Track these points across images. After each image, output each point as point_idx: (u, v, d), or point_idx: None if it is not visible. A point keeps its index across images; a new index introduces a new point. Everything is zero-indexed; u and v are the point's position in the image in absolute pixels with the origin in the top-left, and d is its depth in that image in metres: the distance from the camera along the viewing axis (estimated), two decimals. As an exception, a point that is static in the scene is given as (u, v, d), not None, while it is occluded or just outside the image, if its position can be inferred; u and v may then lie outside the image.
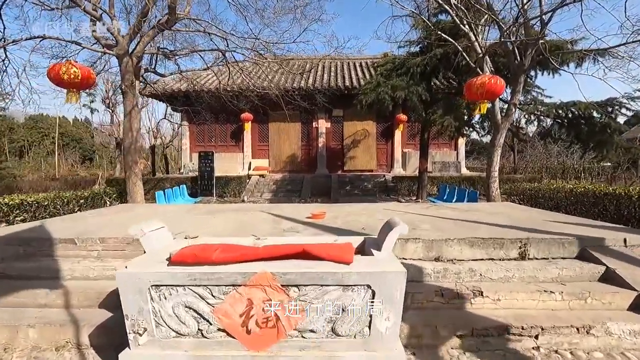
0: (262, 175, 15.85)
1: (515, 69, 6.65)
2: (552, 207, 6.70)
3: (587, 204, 6.15)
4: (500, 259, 3.44)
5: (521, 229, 3.90)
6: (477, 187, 13.64)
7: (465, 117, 9.55)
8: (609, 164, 21.19)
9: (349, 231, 3.88)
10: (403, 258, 3.45)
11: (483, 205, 6.08)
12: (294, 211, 5.54)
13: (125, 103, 7.00)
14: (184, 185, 9.69)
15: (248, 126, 16.41)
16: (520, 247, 3.45)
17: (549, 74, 8.04)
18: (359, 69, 17.69)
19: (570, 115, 7.83)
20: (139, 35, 7.05)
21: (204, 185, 13.64)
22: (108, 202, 7.70)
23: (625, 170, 16.83)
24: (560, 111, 7.89)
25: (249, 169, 16.57)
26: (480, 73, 6.55)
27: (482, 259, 3.44)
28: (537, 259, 3.44)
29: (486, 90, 5.47)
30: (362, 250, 2.72)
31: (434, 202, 8.93)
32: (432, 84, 10.39)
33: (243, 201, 12.60)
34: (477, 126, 10.34)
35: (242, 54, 9.14)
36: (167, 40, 9.52)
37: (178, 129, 18.24)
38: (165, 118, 15.04)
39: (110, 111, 16.50)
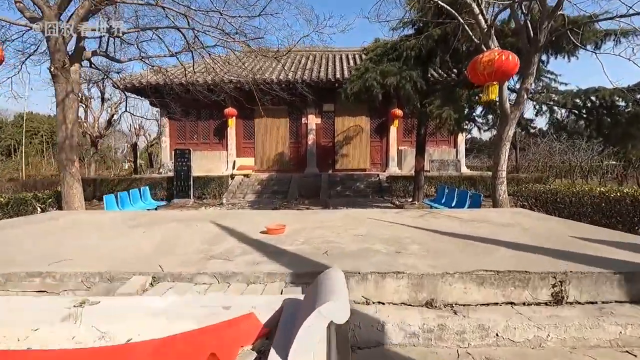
0: (246, 175, 14.70)
1: (528, 47, 5.50)
2: (572, 215, 5.57)
3: (625, 212, 4.99)
4: (524, 304, 2.29)
5: (550, 253, 2.76)
6: (479, 187, 12.52)
7: (466, 109, 8.40)
8: (613, 162, 20.11)
9: (303, 260, 2.73)
10: (379, 302, 2.31)
11: (489, 212, 4.94)
12: (254, 222, 4.38)
13: (57, 89, 5.85)
14: (146, 188, 8.54)
15: (232, 122, 15.24)
16: (554, 285, 2.30)
17: (563, 57, 6.91)
18: (351, 61, 16.53)
19: (589, 105, 6.68)
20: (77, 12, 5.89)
21: (180, 186, 12.48)
22: (39, 209, 6.55)
23: (638, 169, 15.69)
24: (577, 100, 6.75)
25: (234, 168, 15.41)
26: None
27: (497, 304, 2.29)
28: (579, 303, 2.30)
29: (495, 68, 4.33)
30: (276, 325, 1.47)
31: (431, 206, 7.79)
32: (430, 74, 9.24)
33: (222, 204, 11.46)
34: (480, 120, 9.19)
35: (207, 34, 7.97)
36: (130, 22, 8.34)
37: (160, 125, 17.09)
38: (126, 111, 13.81)
39: (84, 106, 15.32)
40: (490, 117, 8.43)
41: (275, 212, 6.49)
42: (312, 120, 15.56)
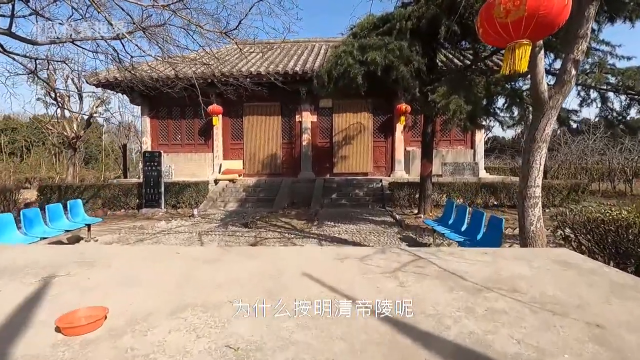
0: (232, 180, 13.03)
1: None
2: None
3: None
4: None
5: None
6: (501, 196, 10.40)
7: (484, 100, 6.40)
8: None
9: None
10: None
11: (518, 264, 2.98)
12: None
13: None
14: (78, 201, 6.89)
15: (217, 121, 13.61)
16: None
17: (624, 20, 4.81)
18: (353, 50, 14.58)
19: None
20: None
21: (150, 194, 10.92)
22: None
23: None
24: (645, 82, 4.68)
25: (220, 171, 13.79)
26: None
27: None
28: None
29: (528, 13, 2.42)
30: None
31: (434, 230, 5.84)
32: (439, 59, 7.22)
33: (192, 216, 9.80)
34: (502, 114, 7.14)
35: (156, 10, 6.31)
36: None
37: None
38: (107, 110, 12.34)
39: (60, 104, 14.07)
40: (515, 110, 6.41)
41: (194, 249, 4.70)
42: (307, 118, 13.73)
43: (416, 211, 9.81)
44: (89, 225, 6.67)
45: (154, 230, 7.88)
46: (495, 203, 10.62)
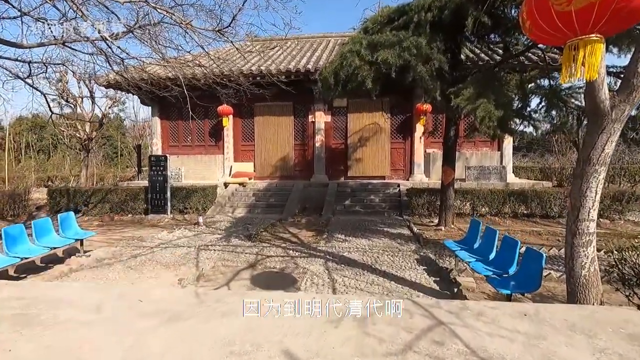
0: (242, 184, 12.54)
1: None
2: None
3: None
4: None
5: None
6: (532, 205, 9.40)
7: (518, 102, 5.51)
8: None
9: None
10: None
11: (578, 349, 2.20)
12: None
13: None
14: (70, 213, 6.45)
15: (227, 122, 13.15)
16: None
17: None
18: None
19: None
20: None
21: (156, 199, 10.56)
22: None
23: None
24: None
25: (230, 174, 13.34)
26: None
27: None
28: None
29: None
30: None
31: (455, 254, 5.05)
32: (457, 47, 6.29)
33: (197, 224, 9.34)
34: (537, 115, 6.20)
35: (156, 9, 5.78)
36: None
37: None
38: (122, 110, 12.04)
39: (73, 104, 13.97)
40: (555, 113, 5.49)
41: (164, 294, 4.14)
42: (321, 118, 13.03)
43: (436, 221, 8.97)
44: (81, 240, 6.27)
45: (152, 242, 7.44)
46: (526, 212, 9.61)
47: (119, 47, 5.13)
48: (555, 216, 9.44)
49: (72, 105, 14.18)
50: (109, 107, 15.57)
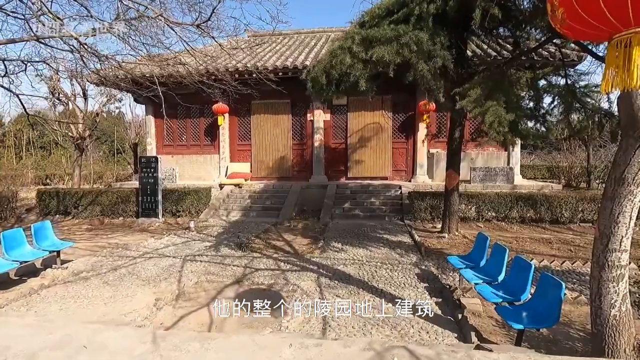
0: (238, 185, 12.09)
1: None
2: None
3: None
4: None
5: None
6: (541, 210, 8.88)
7: (529, 102, 4.98)
8: None
9: None
10: None
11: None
12: None
13: None
14: (46, 222, 6.01)
15: (222, 120, 12.69)
16: None
17: None
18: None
19: None
20: None
21: (146, 202, 10.15)
22: None
23: None
24: None
25: (226, 175, 12.90)
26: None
27: None
28: None
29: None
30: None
31: (460, 272, 4.57)
32: (463, 42, 5.72)
33: (188, 229, 8.92)
34: (550, 117, 5.67)
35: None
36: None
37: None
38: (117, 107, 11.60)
39: (65, 102, 13.58)
40: (574, 116, 4.95)
41: (115, 336, 3.68)
42: (320, 117, 12.52)
43: (439, 227, 8.49)
44: (57, 251, 5.85)
45: (137, 251, 7.02)
46: (534, 217, 9.08)
47: (85, 44, 4.65)
48: (566, 222, 8.91)
49: (65, 104, 13.78)
50: (103, 105, 15.16)
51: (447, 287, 4.95)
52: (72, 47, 5.33)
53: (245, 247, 7.06)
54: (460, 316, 3.97)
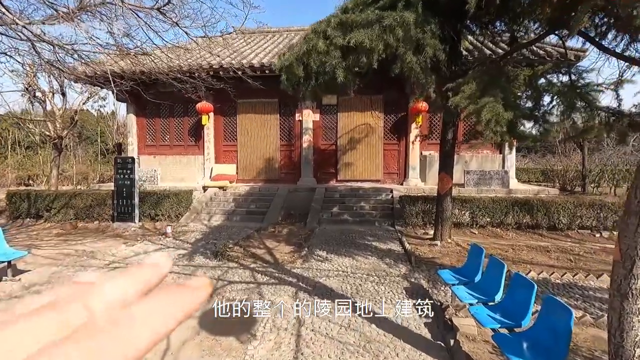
0: (222, 187, 11.54)
1: None
2: None
3: None
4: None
5: None
6: (537, 216, 8.47)
7: (529, 100, 4.53)
8: None
9: None
10: None
11: None
12: None
13: None
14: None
15: (207, 120, 12.13)
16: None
17: None
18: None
19: None
20: None
21: (122, 205, 9.55)
22: None
23: None
24: None
25: (210, 176, 12.33)
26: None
27: None
28: None
29: None
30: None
31: (451, 289, 4.09)
32: (456, 35, 5.24)
33: (165, 234, 8.35)
34: (550, 116, 5.23)
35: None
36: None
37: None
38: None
39: (40, 100, 12.93)
40: (577, 118, 4.52)
41: None
42: (309, 117, 12.02)
43: (431, 234, 8.02)
44: (9, 262, 5.27)
45: (103, 260, 6.45)
46: (531, 223, 8.65)
47: (33, 33, 4.10)
48: (564, 228, 8.50)
49: (41, 101, 13.12)
50: (83, 103, 14.51)
51: (439, 304, 4.47)
52: (23, 35, 4.77)
53: (222, 255, 6.51)
54: (452, 342, 3.48)
